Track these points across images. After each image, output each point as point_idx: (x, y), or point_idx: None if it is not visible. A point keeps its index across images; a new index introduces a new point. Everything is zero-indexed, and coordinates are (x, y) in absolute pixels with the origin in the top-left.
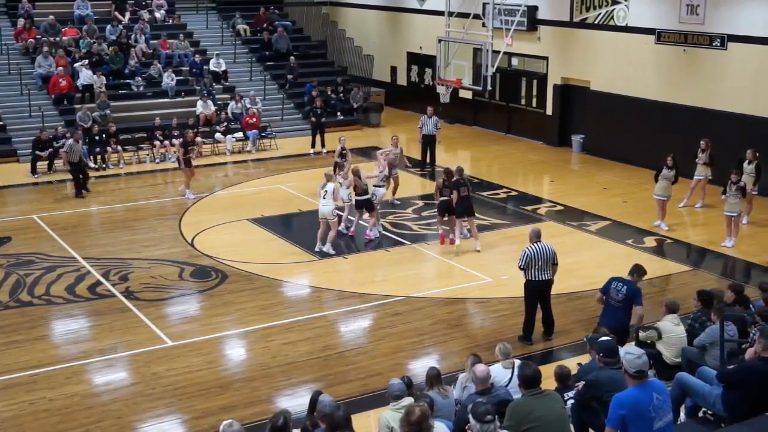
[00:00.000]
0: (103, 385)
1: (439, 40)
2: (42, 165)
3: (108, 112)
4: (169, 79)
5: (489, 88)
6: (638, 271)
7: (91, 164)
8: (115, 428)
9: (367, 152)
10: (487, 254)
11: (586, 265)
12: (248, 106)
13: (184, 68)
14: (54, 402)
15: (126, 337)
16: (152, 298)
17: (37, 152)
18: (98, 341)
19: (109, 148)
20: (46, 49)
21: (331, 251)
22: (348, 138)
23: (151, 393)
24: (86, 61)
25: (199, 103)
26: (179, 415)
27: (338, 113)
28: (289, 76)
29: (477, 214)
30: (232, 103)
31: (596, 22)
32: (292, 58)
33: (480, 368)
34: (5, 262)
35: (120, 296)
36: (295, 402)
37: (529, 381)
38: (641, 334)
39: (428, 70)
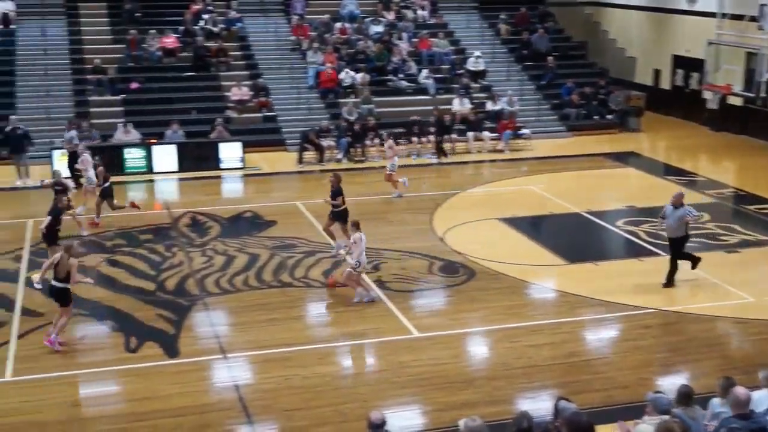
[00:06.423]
0: (351, 368)
1: (710, 43)
2: (309, 155)
3: (372, 107)
4: (428, 79)
5: (763, 95)
6: None
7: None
8: (361, 411)
9: (623, 158)
10: (752, 272)
11: None
12: (505, 106)
13: (443, 66)
14: (307, 380)
15: (375, 324)
16: (401, 289)
17: (305, 144)
18: (348, 326)
19: (367, 142)
20: (315, 45)
21: None
22: (603, 142)
23: (397, 381)
24: (349, 68)
25: (456, 101)
26: (422, 406)
27: (595, 116)
28: (542, 82)
29: (741, 229)
30: (489, 103)
31: None
32: (550, 58)
33: (740, 390)
34: (270, 244)
35: (372, 285)
36: (536, 405)
37: None
38: None
39: (695, 75)
